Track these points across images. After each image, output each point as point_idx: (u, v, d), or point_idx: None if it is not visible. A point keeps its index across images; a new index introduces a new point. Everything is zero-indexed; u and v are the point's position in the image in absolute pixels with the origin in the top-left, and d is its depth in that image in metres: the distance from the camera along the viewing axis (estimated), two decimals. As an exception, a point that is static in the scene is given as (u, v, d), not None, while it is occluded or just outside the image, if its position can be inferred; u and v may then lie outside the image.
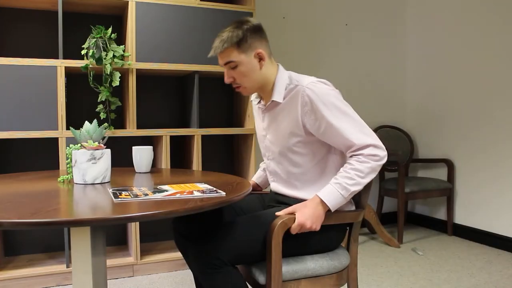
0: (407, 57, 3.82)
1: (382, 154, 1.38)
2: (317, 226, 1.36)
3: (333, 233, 1.48)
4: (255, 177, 1.83)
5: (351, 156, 1.40)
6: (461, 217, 3.35)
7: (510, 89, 2.96)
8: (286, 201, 1.54)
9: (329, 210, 1.38)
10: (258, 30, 1.45)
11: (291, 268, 1.39)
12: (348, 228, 1.56)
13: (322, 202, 1.37)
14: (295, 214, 1.36)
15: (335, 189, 1.37)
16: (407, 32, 3.81)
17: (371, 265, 2.70)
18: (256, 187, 1.82)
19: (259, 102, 1.60)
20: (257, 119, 1.65)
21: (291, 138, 1.46)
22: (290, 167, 1.51)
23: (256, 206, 1.65)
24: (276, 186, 1.60)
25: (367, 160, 1.36)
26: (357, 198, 1.55)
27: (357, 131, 1.38)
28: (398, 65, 3.80)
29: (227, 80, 1.48)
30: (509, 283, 2.36)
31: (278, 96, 1.47)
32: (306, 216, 1.34)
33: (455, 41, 3.35)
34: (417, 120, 3.75)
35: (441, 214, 3.54)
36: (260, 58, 1.45)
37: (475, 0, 3.18)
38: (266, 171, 1.71)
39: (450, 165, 3.37)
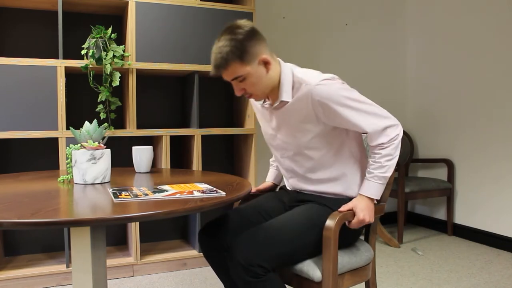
0: (407, 57, 3.82)
1: (398, 130, 1.43)
2: (372, 219, 1.44)
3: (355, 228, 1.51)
4: (271, 177, 1.82)
5: (375, 146, 1.44)
6: (461, 217, 3.35)
7: (509, 89, 2.96)
8: (308, 198, 1.54)
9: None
10: (254, 35, 1.38)
11: (339, 262, 1.41)
12: None
13: (369, 197, 1.44)
14: (352, 210, 1.41)
15: (373, 182, 1.43)
16: (407, 32, 3.81)
17: (371, 265, 2.70)
18: (274, 188, 1.81)
19: (264, 101, 1.56)
20: (262, 119, 1.63)
21: (307, 135, 1.46)
22: (306, 162, 1.51)
23: (280, 208, 1.63)
24: (295, 183, 1.59)
25: (390, 144, 1.42)
26: None
27: (372, 117, 1.41)
28: (398, 65, 3.80)
29: (238, 93, 1.44)
30: (509, 283, 2.36)
31: (286, 95, 1.44)
32: (364, 212, 1.41)
33: (455, 41, 3.35)
34: (417, 120, 3.75)
35: (441, 214, 3.54)
36: (266, 63, 1.41)
37: (475, 1, 3.18)
38: (279, 168, 1.70)
39: (450, 165, 3.37)
